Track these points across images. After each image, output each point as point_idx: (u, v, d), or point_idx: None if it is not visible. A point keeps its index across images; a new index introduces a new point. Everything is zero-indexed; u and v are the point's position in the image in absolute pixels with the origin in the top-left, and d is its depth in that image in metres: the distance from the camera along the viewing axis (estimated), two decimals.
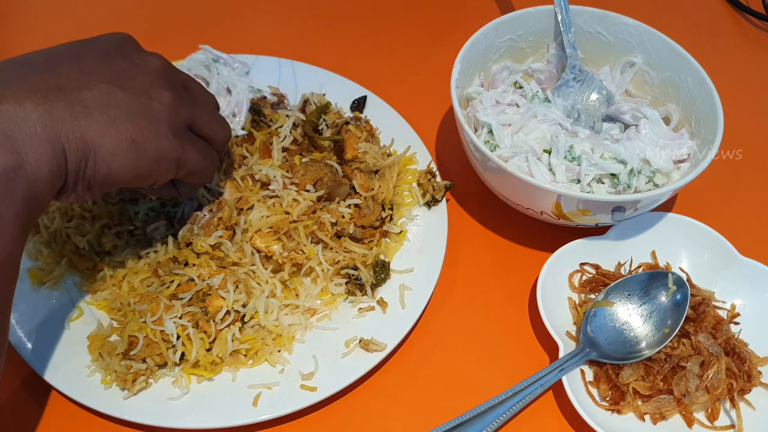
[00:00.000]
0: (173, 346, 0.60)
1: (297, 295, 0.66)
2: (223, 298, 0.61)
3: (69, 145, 0.47)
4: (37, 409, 0.61)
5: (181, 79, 0.58)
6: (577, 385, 0.62)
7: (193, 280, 0.62)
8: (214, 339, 0.61)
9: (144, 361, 0.59)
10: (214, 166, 0.61)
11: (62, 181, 0.48)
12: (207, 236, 0.64)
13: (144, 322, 0.60)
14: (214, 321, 0.61)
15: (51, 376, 0.59)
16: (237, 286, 0.62)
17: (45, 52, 0.52)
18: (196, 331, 0.60)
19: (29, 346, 0.60)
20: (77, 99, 0.48)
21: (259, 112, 0.75)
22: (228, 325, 0.61)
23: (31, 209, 0.46)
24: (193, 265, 0.64)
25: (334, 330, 0.64)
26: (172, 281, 0.62)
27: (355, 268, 0.67)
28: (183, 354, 0.60)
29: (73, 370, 0.59)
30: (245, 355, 0.62)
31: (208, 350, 0.60)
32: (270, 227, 0.66)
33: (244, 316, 0.62)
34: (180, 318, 0.60)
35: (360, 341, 0.63)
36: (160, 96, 0.53)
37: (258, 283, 0.64)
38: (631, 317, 0.66)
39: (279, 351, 0.63)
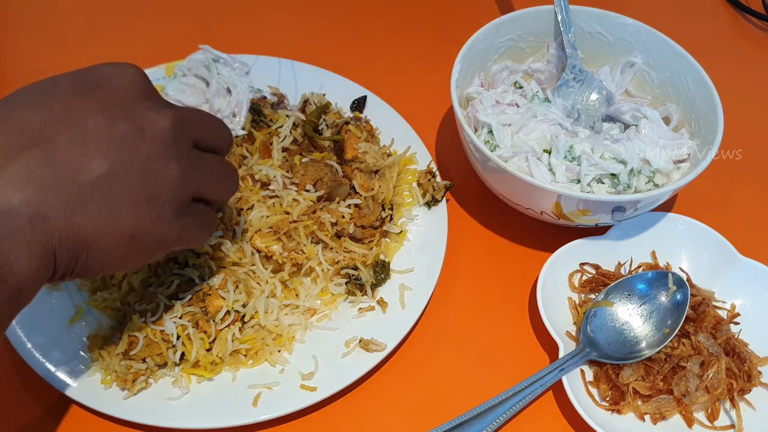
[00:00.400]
0: (173, 346, 0.60)
1: (297, 295, 0.66)
2: (223, 298, 0.61)
3: (60, 248, 0.43)
4: (37, 409, 0.60)
5: (190, 136, 0.51)
6: (577, 385, 0.62)
7: (193, 280, 0.62)
8: (214, 339, 0.61)
9: (144, 361, 0.59)
10: (212, 231, 0.56)
11: (49, 276, 0.45)
12: None
13: (144, 322, 0.60)
14: (214, 321, 0.61)
15: (51, 376, 0.59)
16: (237, 286, 0.62)
17: (32, 100, 0.45)
18: (196, 331, 0.60)
19: (29, 346, 0.60)
20: (74, 190, 0.43)
21: (259, 112, 0.75)
22: (228, 325, 0.61)
23: (15, 311, 0.44)
24: (193, 265, 0.64)
25: (334, 330, 0.64)
26: (172, 281, 0.62)
27: (355, 268, 0.67)
28: (183, 354, 0.60)
29: (73, 370, 0.59)
30: (245, 355, 0.62)
31: (208, 350, 0.60)
32: (270, 227, 0.66)
33: (244, 316, 0.62)
34: (180, 318, 0.60)
35: (360, 341, 0.63)
36: (167, 171, 0.47)
37: (258, 283, 0.65)
38: (631, 317, 0.66)
39: (279, 351, 0.63)
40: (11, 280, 0.41)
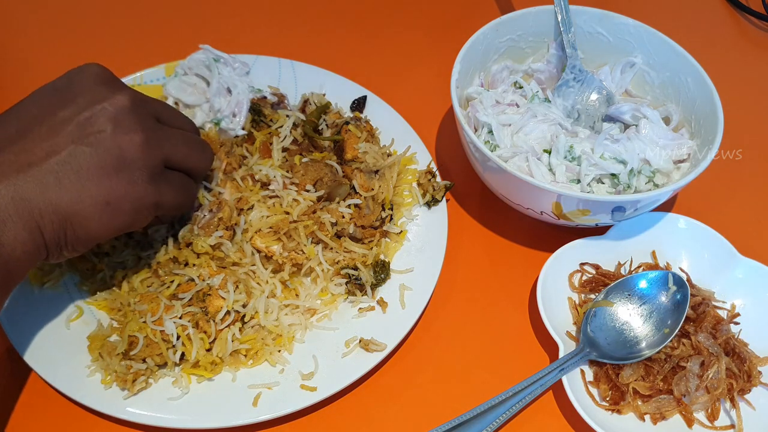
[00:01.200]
0: (173, 346, 0.60)
1: (297, 295, 0.66)
2: (223, 298, 0.61)
3: (43, 221, 0.49)
4: (37, 409, 0.61)
5: (152, 111, 0.57)
6: (577, 385, 0.62)
7: (193, 280, 0.62)
8: (214, 339, 0.61)
9: (144, 361, 0.59)
10: (193, 197, 0.62)
11: (44, 254, 0.51)
12: (207, 236, 0.64)
13: (144, 322, 0.60)
14: (214, 321, 0.61)
15: (51, 376, 0.59)
16: (237, 286, 0.62)
17: (14, 114, 0.52)
18: (196, 331, 0.60)
19: (29, 346, 0.60)
20: (47, 170, 0.49)
21: (259, 112, 0.75)
22: (228, 325, 0.61)
23: (6, 284, 0.50)
24: (194, 265, 0.64)
25: (334, 330, 0.64)
26: (172, 281, 0.62)
27: (355, 268, 0.67)
28: (183, 354, 0.60)
29: (73, 370, 0.59)
30: (245, 355, 0.62)
31: (208, 350, 0.61)
32: (270, 227, 0.66)
33: (244, 316, 0.62)
34: (180, 318, 0.60)
35: (360, 341, 0.63)
36: (131, 141, 0.53)
37: (258, 283, 0.64)
38: (631, 317, 0.66)
39: (279, 351, 0.63)
40: (1, 251, 0.47)
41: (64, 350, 0.61)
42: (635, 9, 0.86)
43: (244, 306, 0.62)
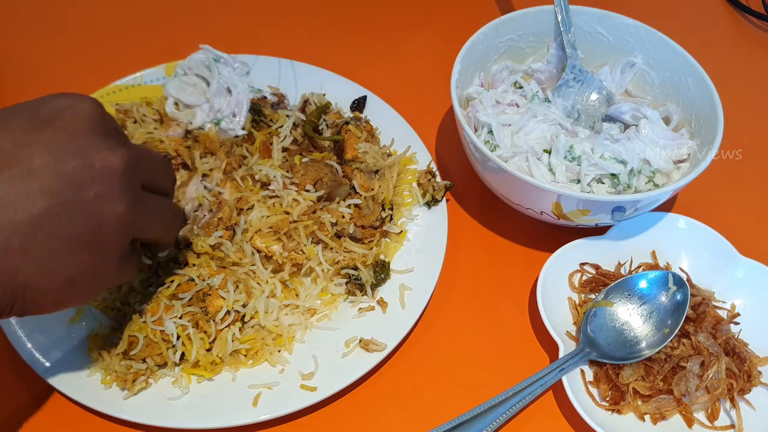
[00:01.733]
0: (173, 346, 0.60)
1: (297, 295, 0.66)
2: (223, 298, 0.61)
3: None
4: (37, 409, 0.61)
5: (141, 175, 0.50)
6: (577, 385, 0.62)
7: (193, 280, 0.62)
8: (214, 339, 0.61)
9: (144, 361, 0.59)
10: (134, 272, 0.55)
11: None
12: (207, 236, 0.64)
13: (144, 322, 0.60)
14: (214, 321, 0.61)
15: (51, 376, 0.59)
16: (237, 286, 0.62)
17: None
18: (196, 331, 0.60)
19: (29, 346, 0.60)
20: (12, 231, 0.42)
21: (259, 112, 0.75)
22: (228, 325, 0.61)
23: None
24: (194, 265, 0.64)
25: (334, 330, 0.64)
26: (172, 281, 0.62)
27: (355, 268, 0.67)
28: (183, 354, 0.60)
29: (73, 370, 0.59)
30: (245, 355, 0.62)
31: (208, 350, 0.61)
32: (270, 227, 0.66)
33: (244, 316, 0.62)
34: (180, 318, 0.60)
35: (360, 341, 0.63)
36: (111, 214, 0.46)
37: (258, 283, 0.64)
38: (631, 317, 0.66)
39: (279, 351, 0.63)
40: None
41: (64, 350, 0.61)
42: (635, 9, 0.86)
43: (244, 306, 0.62)
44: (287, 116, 0.75)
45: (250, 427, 0.59)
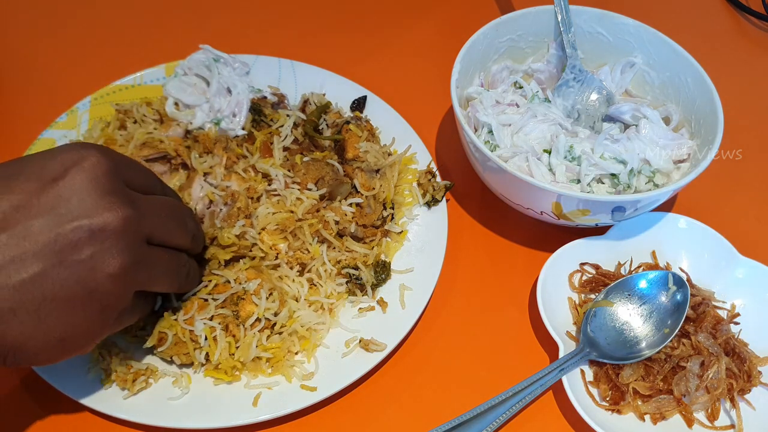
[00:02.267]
0: (200, 346, 0.59)
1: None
2: (256, 304, 0.61)
3: None
4: (37, 409, 0.60)
5: (146, 232, 0.49)
6: (577, 385, 0.62)
7: (229, 282, 0.62)
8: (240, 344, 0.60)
9: (171, 359, 0.59)
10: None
11: None
12: (231, 227, 0.64)
13: (175, 319, 0.59)
14: (243, 326, 0.60)
15: (51, 376, 0.59)
16: (271, 293, 0.62)
17: None
18: (225, 334, 0.60)
19: None
20: (6, 295, 0.43)
21: (259, 111, 0.75)
22: (256, 332, 0.61)
23: None
24: (223, 265, 0.63)
25: (334, 330, 0.64)
26: (210, 281, 0.62)
27: (356, 268, 0.67)
28: (207, 355, 0.60)
29: (73, 370, 0.59)
30: (267, 362, 0.61)
31: (232, 354, 0.60)
32: (277, 225, 0.66)
33: (274, 324, 0.61)
34: (211, 319, 0.60)
35: (360, 341, 0.63)
36: (107, 269, 0.46)
37: (287, 284, 0.64)
38: (631, 317, 0.66)
39: (293, 366, 0.61)
40: None
41: None
42: (635, 9, 0.86)
43: (275, 315, 0.61)
44: (287, 116, 0.75)
45: (250, 427, 0.59)
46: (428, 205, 0.73)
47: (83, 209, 0.45)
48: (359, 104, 0.80)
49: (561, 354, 0.62)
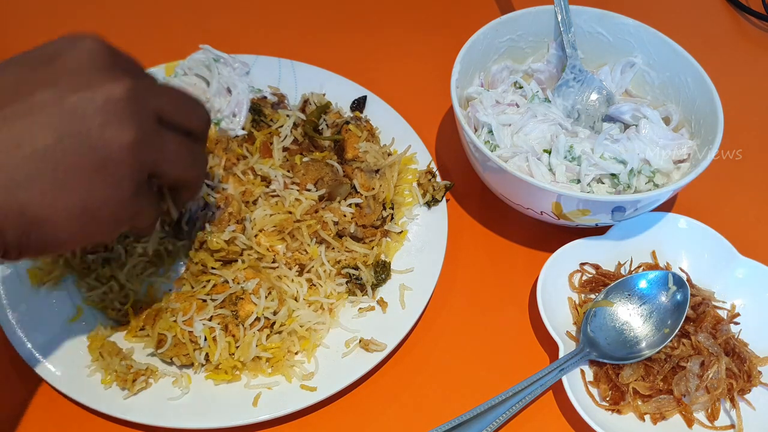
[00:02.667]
0: (200, 347, 0.59)
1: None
2: (255, 303, 0.61)
3: (6, 222, 0.42)
4: (37, 409, 0.61)
5: (154, 109, 0.48)
6: (577, 385, 0.62)
7: (227, 282, 0.62)
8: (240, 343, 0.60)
9: (171, 361, 0.59)
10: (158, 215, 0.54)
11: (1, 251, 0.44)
12: (220, 232, 0.64)
13: (174, 321, 0.59)
14: (243, 326, 0.60)
15: (51, 376, 0.59)
16: (270, 293, 0.62)
17: None
18: (224, 334, 0.60)
19: (29, 346, 0.60)
20: (18, 164, 0.42)
21: (259, 111, 0.75)
22: (255, 332, 0.61)
23: None
24: (212, 268, 0.63)
25: (334, 330, 0.64)
26: (208, 281, 0.62)
27: (356, 268, 0.67)
28: (207, 355, 0.60)
29: (73, 370, 0.59)
30: (267, 361, 0.61)
31: (232, 354, 0.60)
32: (274, 226, 0.66)
33: (273, 323, 0.61)
34: (210, 320, 0.60)
35: (360, 341, 0.63)
36: (119, 140, 0.44)
37: (286, 284, 0.64)
38: (631, 317, 0.66)
39: (293, 366, 0.61)
40: None
41: (64, 350, 0.60)
42: (635, 9, 0.86)
43: (274, 314, 0.61)
44: (287, 116, 0.75)
45: (250, 427, 0.59)
46: (428, 205, 0.73)
47: (85, 82, 0.44)
48: (359, 104, 0.80)
49: (561, 354, 0.62)
